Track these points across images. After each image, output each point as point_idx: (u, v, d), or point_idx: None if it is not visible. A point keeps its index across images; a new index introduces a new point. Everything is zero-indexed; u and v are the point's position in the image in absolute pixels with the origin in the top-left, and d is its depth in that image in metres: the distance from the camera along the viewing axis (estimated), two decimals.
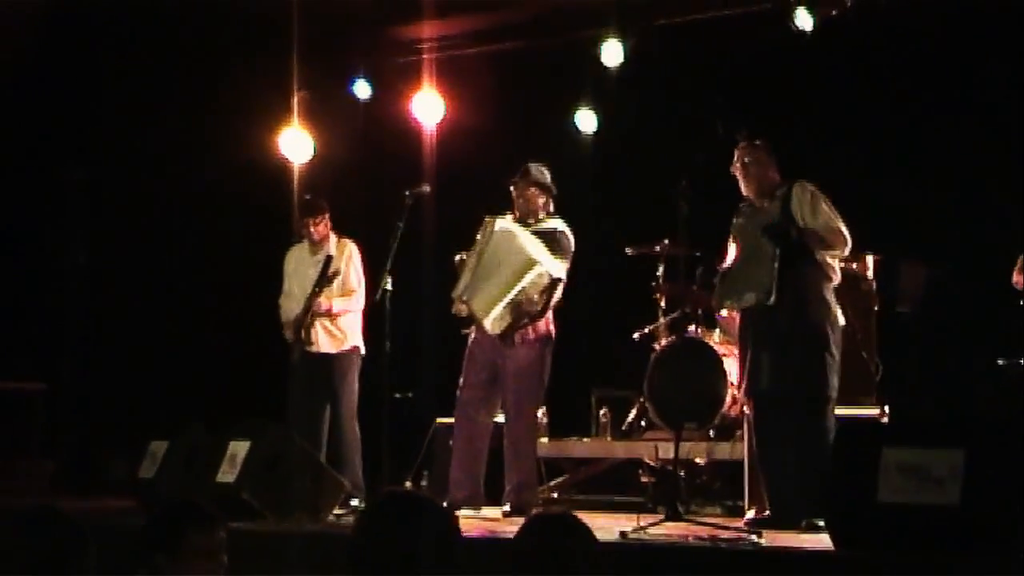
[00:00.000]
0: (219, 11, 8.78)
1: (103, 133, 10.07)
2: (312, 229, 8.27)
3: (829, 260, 6.72)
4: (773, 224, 6.65)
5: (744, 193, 6.92)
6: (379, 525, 3.24)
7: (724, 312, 7.46)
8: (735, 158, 6.90)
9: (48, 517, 3.45)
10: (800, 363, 6.59)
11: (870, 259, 7.93)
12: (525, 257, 7.34)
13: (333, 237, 8.30)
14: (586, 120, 9.47)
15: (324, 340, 8.19)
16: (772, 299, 6.58)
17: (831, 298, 6.71)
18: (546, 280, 7.31)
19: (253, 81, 9.37)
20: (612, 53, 9.11)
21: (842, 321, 6.79)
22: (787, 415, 6.60)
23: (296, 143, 9.69)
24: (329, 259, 8.08)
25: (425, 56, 9.67)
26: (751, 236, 6.80)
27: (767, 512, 6.68)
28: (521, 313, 7.30)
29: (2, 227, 9.37)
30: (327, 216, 8.30)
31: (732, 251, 6.94)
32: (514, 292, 7.29)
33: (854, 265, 7.90)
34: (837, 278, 6.77)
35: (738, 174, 6.89)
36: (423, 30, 9.61)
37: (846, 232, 6.66)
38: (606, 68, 9.07)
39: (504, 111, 9.51)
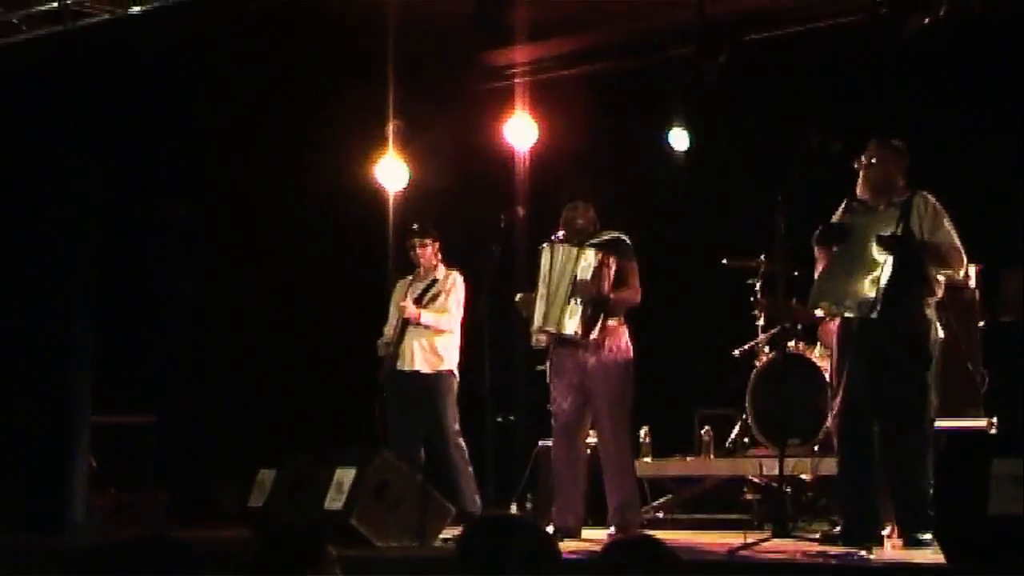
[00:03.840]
0: (314, 42, 8.91)
1: (204, 168, 10.24)
2: (418, 251, 8.36)
3: (937, 276, 6.56)
4: (895, 236, 6.45)
5: (858, 192, 6.75)
6: (476, 549, 3.28)
7: (819, 312, 7.35)
8: (864, 153, 6.72)
9: (159, 546, 3.53)
10: (898, 379, 6.45)
11: (973, 268, 7.83)
12: (570, 252, 7.42)
13: (442, 268, 8.41)
14: (679, 138, 9.46)
15: (418, 358, 8.28)
16: (875, 313, 6.43)
17: (932, 313, 6.56)
18: (592, 259, 7.33)
19: (349, 110, 9.48)
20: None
21: (941, 334, 6.65)
22: (878, 430, 6.49)
23: (392, 171, 9.79)
24: (434, 282, 8.22)
25: (517, 80, 9.73)
26: (860, 239, 6.62)
27: (837, 528, 6.62)
28: (584, 297, 7.30)
29: (109, 263, 9.55)
30: (435, 244, 8.40)
31: (835, 252, 6.74)
32: (571, 284, 7.34)
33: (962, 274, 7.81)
34: (940, 293, 6.62)
35: (860, 170, 6.72)
36: (515, 55, 9.67)
37: (963, 253, 6.52)
38: (697, 86, 9.06)
39: (597, 132, 9.53)
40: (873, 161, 6.68)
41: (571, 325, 7.36)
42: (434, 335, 8.26)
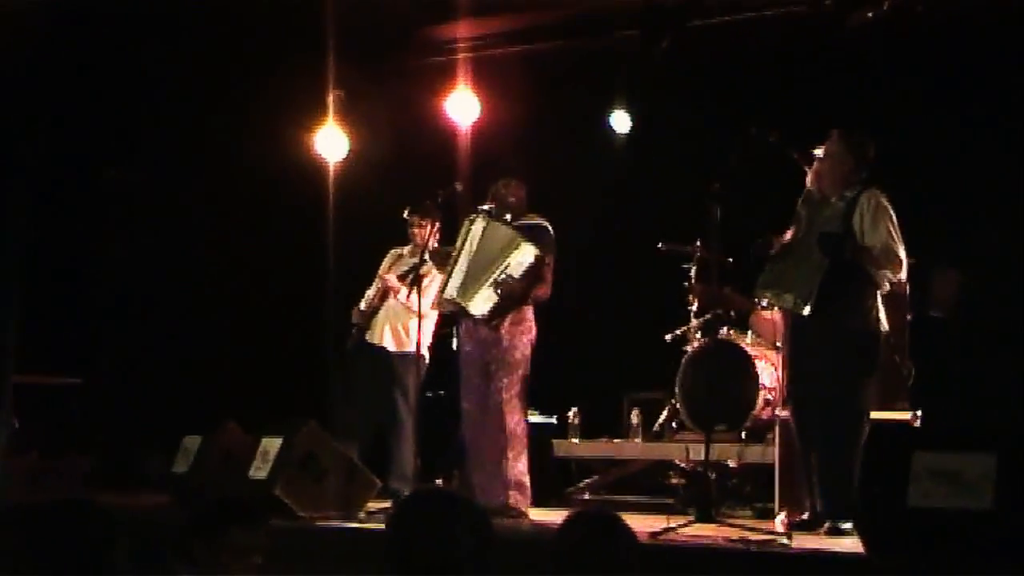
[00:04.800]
0: (255, 11, 8.83)
1: (142, 133, 10.14)
2: (415, 230, 8.16)
3: (879, 274, 6.55)
4: (828, 236, 6.47)
5: (807, 182, 6.73)
6: (413, 522, 3.25)
7: (765, 302, 7.40)
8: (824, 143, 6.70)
9: (78, 509, 3.48)
10: (835, 372, 6.49)
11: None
12: (510, 238, 7.28)
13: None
14: (620, 121, 9.47)
15: (387, 336, 8.20)
16: (807, 310, 6.48)
17: (875, 307, 6.55)
18: (531, 258, 7.22)
19: (289, 80, 9.41)
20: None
21: (885, 327, 6.66)
22: (820, 421, 6.55)
23: (331, 142, 9.73)
24: (424, 262, 7.91)
25: (460, 56, 9.69)
26: (808, 232, 6.63)
27: (805, 515, 6.66)
28: (507, 291, 7.21)
29: (41, 224, 9.44)
30: (435, 224, 8.13)
31: (789, 234, 6.77)
32: (499, 271, 7.22)
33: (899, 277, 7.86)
34: (885, 289, 6.61)
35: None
36: (458, 30, 9.63)
37: (902, 255, 6.49)
38: (640, 70, 9.07)
39: (539, 111, 9.52)
40: (824, 153, 6.68)
41: (481, 308, 7.25)
42: (409, 316, 8.02)
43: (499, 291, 7.22)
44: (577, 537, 3.44)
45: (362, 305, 8.34)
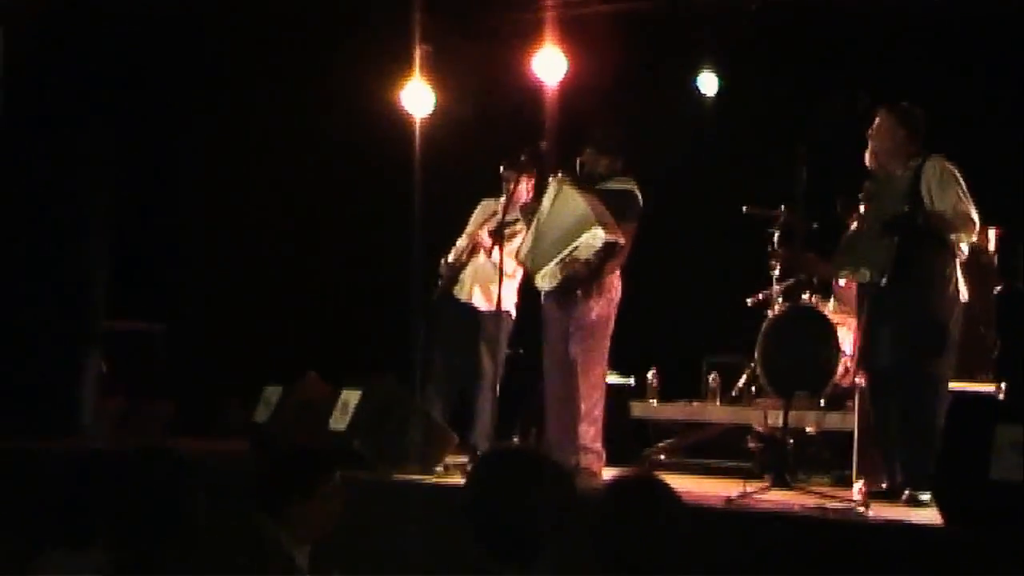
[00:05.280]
0: None
1: (230, 85, 10.21)
2: (511, 185, 7.92)
3: (955, 239, 6.52)
4: (896, 218, 6.46)
5: (866, 160, 6.75)
6: (493, 482, 3.25)
7: (842, 282, 7.39)
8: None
9: (157, 456, 3.55)
10: (913, 342, 6.45)
11: (992, 232, 7.78)
12: (582, 216, 7.13)
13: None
14: (708, 82, 9.40)
15: (476, 293, 8.14)
16: (884, 280, 6.46)
17: (953, 276, 6.52)
18: (599, 243, 7.10)
19: (377, 35, 9.43)
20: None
21: (965, 297, 6.63)
22: (899, 391, 6.52)
23: (418, 97, 9.73)
24: (517, 220, 7.73)
25: (548, 13, 9.63)
26: (877, 207, 6.64)
27: (884, 484, 6.61)
28: (571, 272, 7.15)
29: (126, 173, 9.57)
30: (530, 180, 7.93)
31: (859, 217, 6.77)
32: (567, 251, 7.13)
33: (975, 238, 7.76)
34: (963, 256, 6.58)
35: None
36: None
37: (975, 216, 6.46)
38: (730, 30, 8.99)
39: (626, 71, 9.45)
40: (874, 129, 6.69)
41: (545, 284, 7.25)
42: (498, 274, 7.83)
43: (564, 271, 7.18)
44: (617, 503, 3.40)
45: (451, 257, 8.31)
